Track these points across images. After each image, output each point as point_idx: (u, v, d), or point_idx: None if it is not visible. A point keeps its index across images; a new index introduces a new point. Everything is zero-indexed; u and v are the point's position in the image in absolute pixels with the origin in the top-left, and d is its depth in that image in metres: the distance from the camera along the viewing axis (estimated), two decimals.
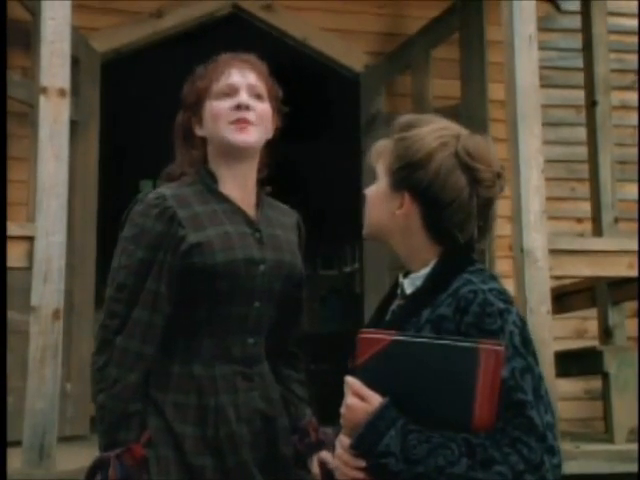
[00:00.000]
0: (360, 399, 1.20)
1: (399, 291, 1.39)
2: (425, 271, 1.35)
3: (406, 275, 1.40)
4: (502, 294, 1.29)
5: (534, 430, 1.19)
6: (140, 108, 7.17)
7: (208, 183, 1.66)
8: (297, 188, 8.98)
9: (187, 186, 1.66)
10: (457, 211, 1.32)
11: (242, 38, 5.61)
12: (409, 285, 1.37)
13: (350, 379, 1.21)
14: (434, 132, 1.37)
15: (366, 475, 1.22)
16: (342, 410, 1.23)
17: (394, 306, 1.40)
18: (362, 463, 1.21)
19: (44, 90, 2.82)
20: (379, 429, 1.18)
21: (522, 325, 1.27)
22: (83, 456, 3.13)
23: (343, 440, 1.24)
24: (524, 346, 1.25)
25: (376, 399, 1.20)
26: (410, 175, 1.33)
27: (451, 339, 1.19)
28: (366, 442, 1.19)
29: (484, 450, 1.17)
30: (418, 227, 1.35)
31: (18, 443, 2.61)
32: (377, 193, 1.39)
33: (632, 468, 2.84)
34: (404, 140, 1.36)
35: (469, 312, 1.24)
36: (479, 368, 1.15)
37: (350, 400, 1.21)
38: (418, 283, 1.35)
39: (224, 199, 1.65)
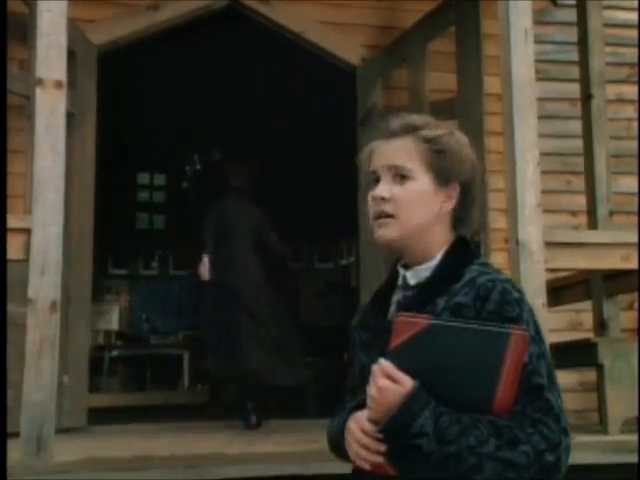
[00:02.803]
0: (392, 381, 1.23)
1: (400, 282, 1.42)
2: (432, 263, 1.40)
3: (405, 267, 1.43)
4: (514, 284, 1.37)
5: (552, 412, 1.26)
6: (137, 100, 7.16)
7: None
8: (293, 182, 8.99)
9: None
10: (479, 194, 1.45)
11: (238, 31, 5.62)
12: (413, 277, 1.41)
13: (383, 361, 1.23)
14: (453, 128, 1.46)
15: (386, 459, 1.25)
16: (372, 392, 1.24)
17: (398, 297, 1.42)
18: (383, 447, 1.24)
19: (40, 82, 2.82)
20: (413, 410, 1.21)
21: (533, 314, 1.34)
22: (81, 448, 3.16)
23: (364, 424, 1.27)
24: (537, 333, 1.31)
25: (408, 381, 1.23)
26: (460, 169, 1.41)
27: (484, 324, 1.23)
28: (399, 423, 1.22)
29: (510, 430, 1.22)
30: (448, 217, 1.42)
31: (16, 435, 2.62)
32: (422, 192, 1.39)
33: (626, 459, 2.86)
34: (441, 138, 1.41)
35: (490, 300, 1.30)
36: (508, 352, 1.19)
37: (382, 382, 1.23)
38: (424, 275, 1.39)
39: None
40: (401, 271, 1.43)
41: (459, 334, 1.21)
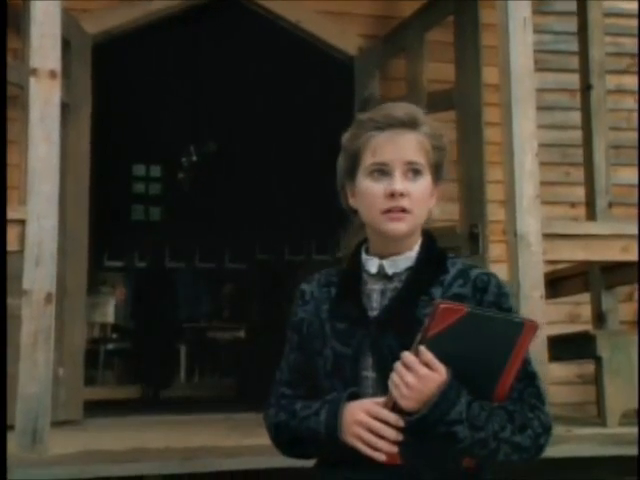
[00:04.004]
0: (429, 369, 1.24)
1: (373, 271, 1.41)
2: (410, 254, 1.42)
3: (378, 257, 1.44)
4: None
5: (542, 398, 1.35)
6: (132, 91, 7.13)
7: None
8: (290, 173, 8.97)
9: None
10: None
11: (234, 20, 5.59)
12: (391, 266, 1.42)
13: (423, 349, 1.24)
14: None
15: (400, 449, 1.27)
16: (410, 381, 1.24)
17: (379, 286, 1.41)
18: (400, 436, 1.26)
19: (34, 72, 2.79)
20: (451, 398, 1.24)
21: None
22: (76, 440, 3.14)
23: (385, 415, 1.27)
24: None
25: (443, 369, 1.25)
26: (444, 169, 1.44)
27: (505, 314, 1.32)
28: (440, 411, 1.24)
29: (519, 416, 1.29)
30: None
31: (11, 428, 2.61)
32: (426, 190, 1.41)
33: (624, 451, 2.86)
34: (440, 137, 1.43)
35: (489, 292, 1.38)
36: (519, 341, 1.25)
37: (424, 371, 1.24)
38: (403, 265, 1.41)
39: None
40: (375, 260, 1.42)
41: (487, 322, 1.25)
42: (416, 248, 1.43)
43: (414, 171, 1.37)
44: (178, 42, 6.30)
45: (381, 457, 1.26)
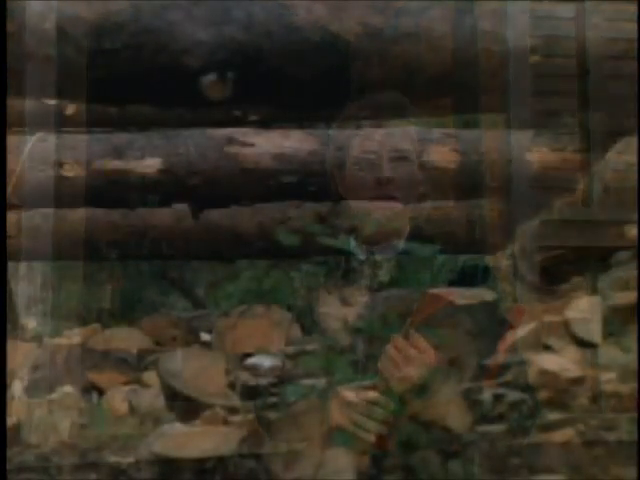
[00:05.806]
0: (419, 352, 1.26)
1: (362, 257, 1.43)
2: (399, 240, 1.43)
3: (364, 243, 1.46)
4: None
5: (529, 382, 1.45)
6: (129, 79, 7.11)
7: None
8: (287, 161, 8.94)
9: None
10: None
11: (229, 6, 5.55)
12: (380, 253, 1.43)
13: (413, 333, 1.25)
14: None
15: (389, 431, 1.28)
16: (400, 362, 1.26)
17: (368, 272, 1.43)
18: (390, 418, 1.25)
19: (30, 57, 2.79)
20: (440, 380, 1.32)
21: None
22: (74, 427, 3.15)
23: (377, 397, 1.28)
24: None
25: (432, 352, 1.24)
26: (431, 157, 1.42)
27: (493, 300, 1.29)
28: (428, 393, 1.31)
29: (507, 400, 1.38)
30: None
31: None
32: (413, 177, 1.44)
33: (618, 437, 2.88)
34: (426, 125, 1.42)
35: (477, 277, 1.36)
36: (507, 326, 1.24)
37: (413, 353, 1.32)
38: (392, 251, 1.43)
39: None
40: (364, 247, 1.45)
41: (475, 308, 1.27)
42: (405, 235, 1.45)
43: (401, 159, 1.40)
44: (175, 28, 6.27)
45: (370, 438, 1.28)
